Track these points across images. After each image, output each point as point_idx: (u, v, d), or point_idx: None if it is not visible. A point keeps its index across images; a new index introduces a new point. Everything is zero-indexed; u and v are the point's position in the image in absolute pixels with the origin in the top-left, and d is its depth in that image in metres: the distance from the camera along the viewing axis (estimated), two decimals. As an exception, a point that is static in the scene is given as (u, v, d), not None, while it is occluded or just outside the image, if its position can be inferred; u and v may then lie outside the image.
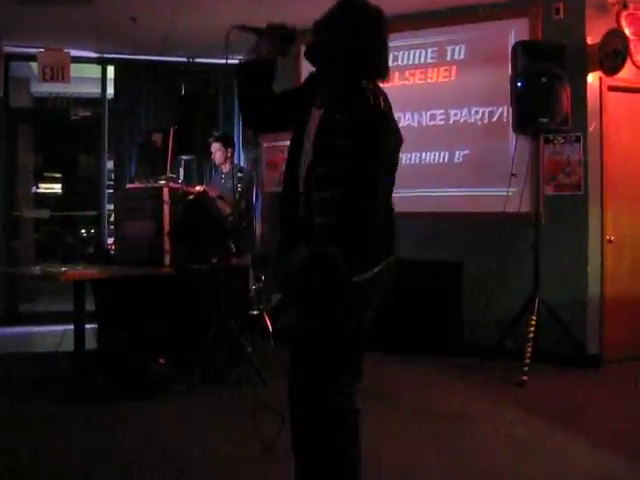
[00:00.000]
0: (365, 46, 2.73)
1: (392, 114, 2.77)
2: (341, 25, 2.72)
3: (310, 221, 2.69)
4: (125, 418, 4.55)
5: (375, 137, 2.63)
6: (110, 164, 8.57)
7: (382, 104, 2.68)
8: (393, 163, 2.77)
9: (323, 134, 2.71)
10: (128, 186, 6.64)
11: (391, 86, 3.16)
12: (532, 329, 5.53)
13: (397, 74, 6.56)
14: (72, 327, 5.46)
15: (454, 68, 6.47)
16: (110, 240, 7.57)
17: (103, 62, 8.31)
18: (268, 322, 6.42)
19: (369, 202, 2.63)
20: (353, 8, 2.75)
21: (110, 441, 4.11)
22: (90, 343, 5.69)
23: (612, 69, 5.93)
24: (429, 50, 6.59)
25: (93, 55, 8.20)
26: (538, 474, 3.62)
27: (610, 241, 6.07)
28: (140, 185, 6.20)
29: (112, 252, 6.53)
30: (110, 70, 8.36)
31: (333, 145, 2.66)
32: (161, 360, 5.20)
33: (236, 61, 3.76)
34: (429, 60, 6.59)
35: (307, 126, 2.82)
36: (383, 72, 2.79)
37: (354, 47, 2.71)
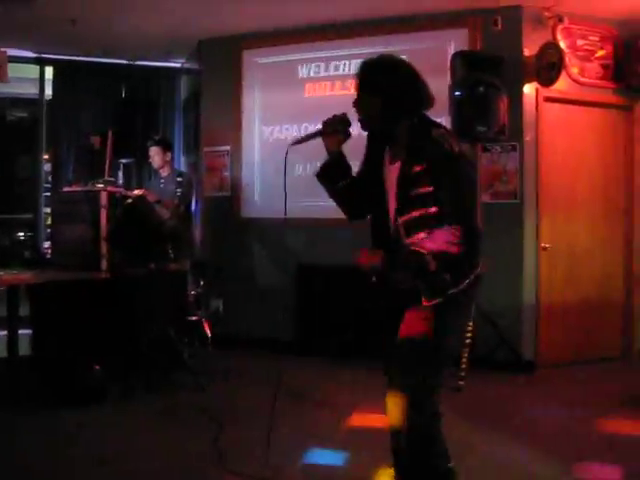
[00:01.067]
0: (408, 87, 2.97)
1: (464, 152, 2.98)
2: (375, 85, 2.99)
3: None
4: (59, 424, 4.48)
5: (455, 178, 2.86)
6: (48, 166, 8.42)
7: (454, 146, 2.88)
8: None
9: (406, 186, 2.91)
10: (65, 189, 6.52)
11: (332, 95, 3.23)
12: (469, 335, 5.61)
13: (338, 84, 6.55)
14: (5, 332, 5.35)
15: (394, 78, 6.51)
16: (46, 244, 7.44)
17: (42, 62, 8.14)
18: (207, 328, 6.39)
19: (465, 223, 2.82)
20: (393, 67, 3.03)
21: (43, 446, 4.05)
22: (24, 349, 5.60)
23: (548, 80, 6.07)
24: (370, 60, 6.62)
25: (31, 55, 8.05)
26: (471, 474, 3.67)
27: (545, 248, 6.19)
28: (78, 188, 6.12)
29: (48, 256, 6.42)
30: (49, 71, 8.20)
31: (418, 194, 2.86)
32: (96, 366, 5.13)
33: (178, 65, 3.75)
34: (370, 70, 6.62)
35: (385, 182, 3.04)
36: (431, 101, 3.02)
37: (400, 95, 2.96)
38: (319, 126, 3.11)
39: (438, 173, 2.83)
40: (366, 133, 3.14)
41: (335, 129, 3.10)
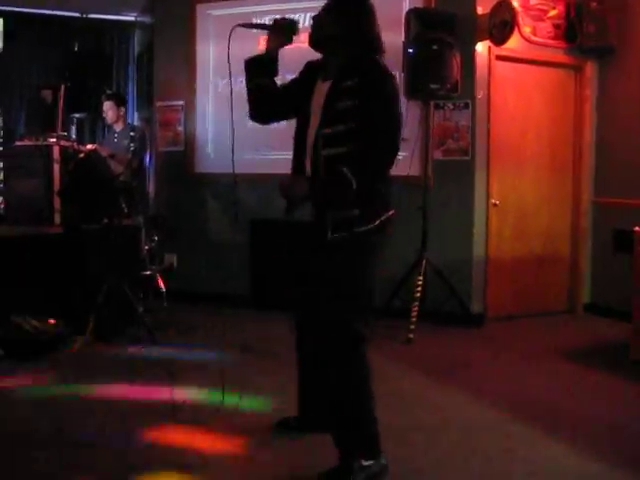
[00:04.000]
0: (366, 28, 3.13)
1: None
2: (341, 12, 3.11)
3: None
4: (14, 378, 4.48)
5: (389, 96, 2.98)
6: (-1, 120, 8.30)
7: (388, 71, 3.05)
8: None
9: (333, 101, 3.02)
10: (17, 143, 6.45)
11: (286, 47, 3.29)
12: (419, 289, 5.73)
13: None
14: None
15: (349, 32, 6.51)
16: (-1, 199, 7.36)
17: (-8, 14, 8.00)
18: (161, 282, 6.42)
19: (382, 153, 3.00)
20: (364, 2, 3.17)
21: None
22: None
23: (500, 39, 6.11)
24: (325, 13, 6.60)
25: (-19, 7, 7.89)
26: (421, 424, 3.80)
27: (495, 204, 6.31)
28: (29, 142, 6.05)
29: (1, 211, 6.37)
30: (-1, 23, 8.06)
31: (342, 108, 2.97)
32: (51, 320, 5.14)
33: (131, 18, 3.74)
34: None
35: (312, 101, 3.15)
36: (381, 47, 3.15)
37: (358, 29, 3.10)
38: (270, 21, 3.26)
39: (370, 88, 2.95)
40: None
41: (283, 29, 3.24)
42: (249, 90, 3.32)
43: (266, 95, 3.29)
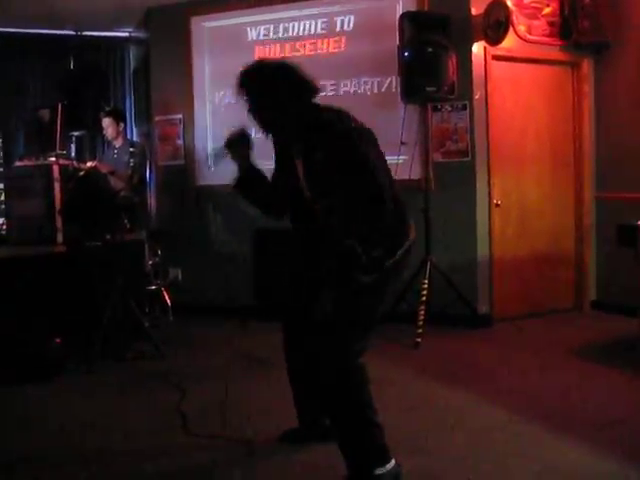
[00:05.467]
0: (291, 88, 3.07)
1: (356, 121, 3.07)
2: (263, 93, 3.07)
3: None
4: (23, 399, 4.48)
5: (357, 156, 2.89)
6: (-2, 142, 8.32)
7: (346, 122, 3.01)
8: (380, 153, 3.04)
9: (313, 178, 3.03)
10: (17, 164, 6.47)
11: (282, 57, 3.28)
12: (424, 292, 5.71)
13: (287, 46, 6.56)
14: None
15: (343, 39, 6.52)
16: (0, 220, 7.37)
17: (-14, 36, 8.02)
18: (166, 296, 6.42)
19: (372, 191, 2.87)
20: (257, 72, 3.13)
21: (9, 421, 4.08)
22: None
23: (495, 39, 6.10)
24: (319, 21, 6.60)
25: (-25, 28, 7.90)
26: (431, 427, 3.78)
27: (497, 205, 6.29)
28: (29, 162, 6.07)
29: (3, 232, 6.38)
30: (-6, 44, 8.07)
31: (326, 182, 2.95)
32: (57, 340, 5.13)
33: (126, 34, 3.74)
34: (319, 31, 6.60)
35: (299, 178, 3.10)
36: (314, 90, 3.17)
37: (290, 95, 3.07)
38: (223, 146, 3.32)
39: (338, 155, 2.90)
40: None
41: (236, 147, 3.28)
42: (254, 205, 3.43)
43: (268, 200, 3.39)
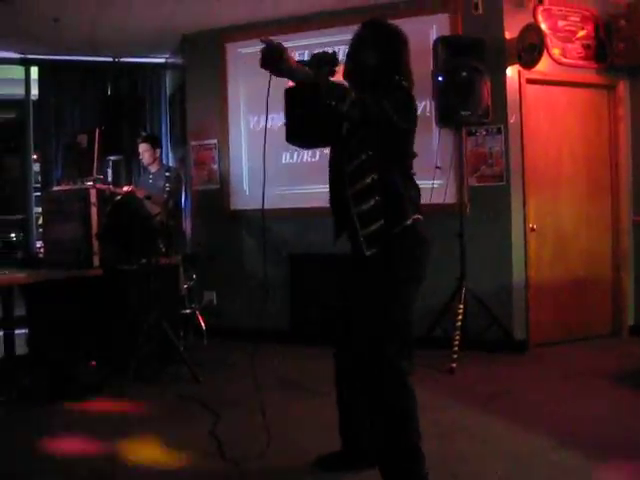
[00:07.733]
0: (405, 59, 3.15)
1: None
2: (373, 48, 3.11)
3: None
4: (58, 420, 4.51)
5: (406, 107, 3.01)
6: (36, 166, 8.46)
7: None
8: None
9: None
10: (55, 188, 6.56)
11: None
12: (460, 317, 5.68)
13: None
14: (1, 333, 5.40)
15: (378, 64, 6.54)
16: (39, 243, 7.47)
17: (26, 63, 8.17)
18: (201, 320, 6.45)
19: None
20: (382, 31, 3.18)
21: (44, 442, 4.10)
22: (21, 348, 5.64)
23: (530, 62, 6.09)
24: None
25: (16, 56, 8.06)
26: (466, 455, 3.74)
27: (533, 229, 6.25)
28: (67, 187, 6.15)
29: (41, 255, 6.45)
30: (34, 71, 8.23)
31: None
32: (93, 362, 5.18)
33: (162, 60, 3.78)
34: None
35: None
36: (412, 81, 3.17)
37: (396, 59, 3.13)
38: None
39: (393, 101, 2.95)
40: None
41: (321, 63, 3.15)
42: (288, 116, 3.33)
43: (309, 123, 3.29)
